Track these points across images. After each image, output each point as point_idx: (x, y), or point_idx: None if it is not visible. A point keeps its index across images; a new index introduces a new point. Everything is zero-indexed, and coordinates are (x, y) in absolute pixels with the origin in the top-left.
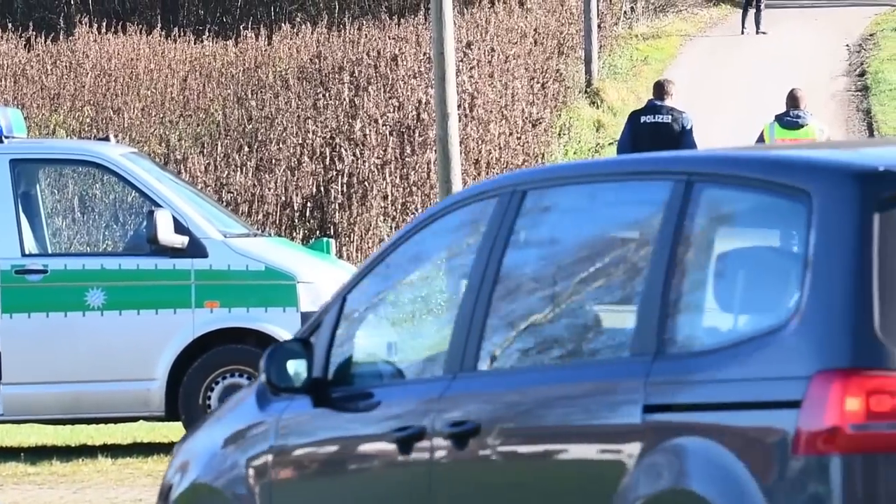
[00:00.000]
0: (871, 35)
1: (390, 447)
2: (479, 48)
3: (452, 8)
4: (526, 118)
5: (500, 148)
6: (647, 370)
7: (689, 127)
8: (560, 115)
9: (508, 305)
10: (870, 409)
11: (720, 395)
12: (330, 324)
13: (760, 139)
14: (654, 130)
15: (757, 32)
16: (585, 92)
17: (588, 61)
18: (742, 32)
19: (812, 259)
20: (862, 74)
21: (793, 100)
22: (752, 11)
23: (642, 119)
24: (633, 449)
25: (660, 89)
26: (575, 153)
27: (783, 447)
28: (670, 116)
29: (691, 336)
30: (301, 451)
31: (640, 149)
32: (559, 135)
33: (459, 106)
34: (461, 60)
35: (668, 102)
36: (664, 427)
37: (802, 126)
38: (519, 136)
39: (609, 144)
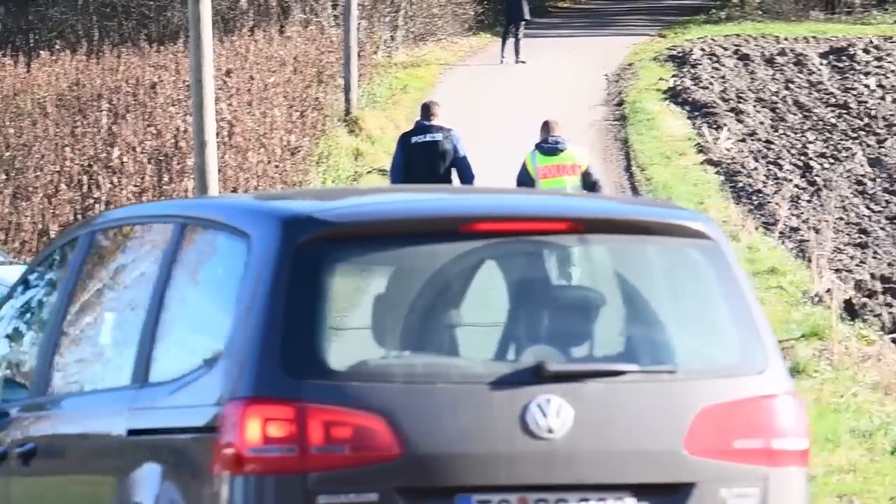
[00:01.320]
0: (629, 65)
1: None
2: (238, 76)
3: (212, 36)
4: (284, 146)
5: (258, 176)
6: (133, 397)
7: (459, 144)
8: (319, 143)
9: (66, 337)
10: (266, 434)
11: (172, 420)
12: None
13: (524, 168)
14: (427, 149)
15: (516, 62)
16: (344, 120)
17: (347, 90)
18: (501, 62)
19: (241, 295)
20: (620, 104)
21: (546, 127)
22: (510, 41)
23: (413, 140)
24: (118, 469)
25: (426, 110)
26: (333, 181)
27: (205, 468)
28: (440, 134)
29: (165, 366)
30: None
31: (414, 169)
32: (318, 163)
33: (218, 134)
34: (220, 88)
35: (435, 122)
36: (138, 449)
37: (562, 151)
38: (277, 164)
39: (367, 172)
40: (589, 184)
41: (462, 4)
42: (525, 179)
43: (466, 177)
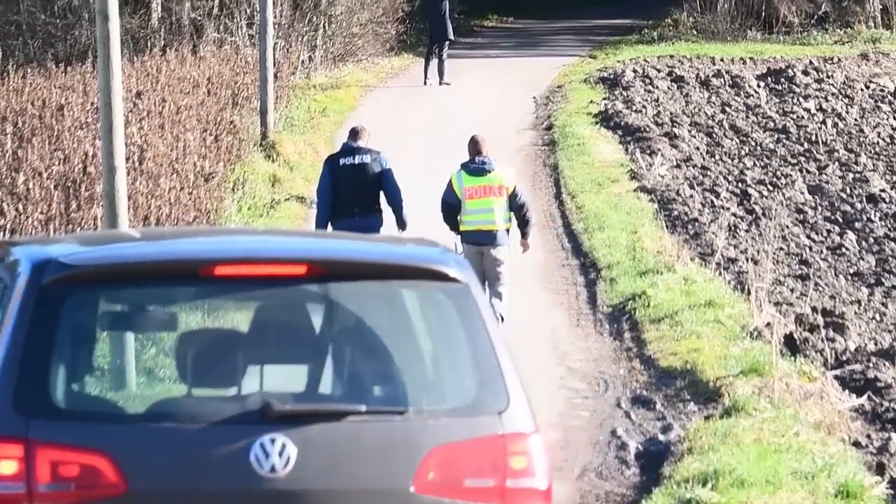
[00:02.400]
0: (558, 87)
1: None
2: (149, 98)
3: (121, 55)
4: (198, 172)
5: (170, 203)
6: None
7: (387, 166)
8: (234, 168)
9: None
10: None
11: None
12: None
13: (450, 187)
14: (355, 171)
15: (440, 83)
16: (261, 145)
17: (264, 112)
18: (425, 83)
19: None
20: (549, 128)
21: (475, 145)
22: (434, 61)
23: (342, 162)
24: None
25: (354, 133)
26: (249, 209)
27: None
28: (369, 156)
29: None
30: None
31: (342, 191)
32: (233, 190)
33: (128, 159)
34: (130, 111)
35: (363, 144)
36: None
37: (489, 171)
38: (191, 191)
39: (285, 200)
40: (516, 206)
41: (383, 24)
42: (451, 200)
43: (395, 200)
